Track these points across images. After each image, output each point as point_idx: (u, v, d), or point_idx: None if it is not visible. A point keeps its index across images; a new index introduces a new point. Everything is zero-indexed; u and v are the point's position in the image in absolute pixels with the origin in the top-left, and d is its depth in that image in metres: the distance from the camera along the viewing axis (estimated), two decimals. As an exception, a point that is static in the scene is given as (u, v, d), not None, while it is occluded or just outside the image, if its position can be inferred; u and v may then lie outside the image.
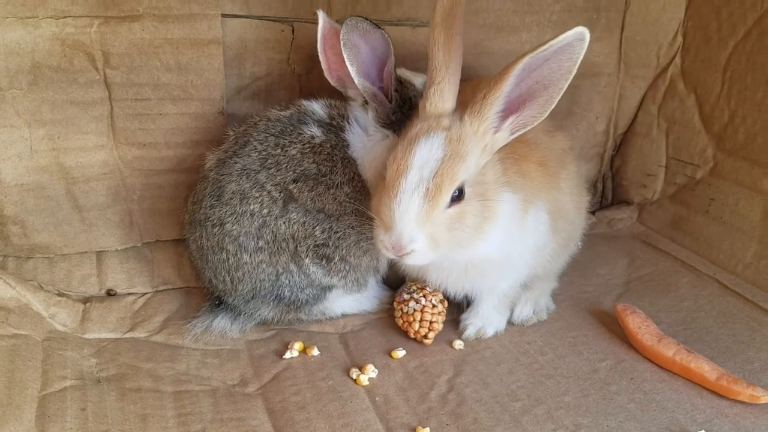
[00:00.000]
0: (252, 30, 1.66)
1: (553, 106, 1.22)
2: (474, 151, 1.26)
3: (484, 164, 1.29)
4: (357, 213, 1.43)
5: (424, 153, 1.25)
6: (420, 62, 1.73)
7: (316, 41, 1.49)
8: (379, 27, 1.40)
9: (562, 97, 1.95)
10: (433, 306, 1.47)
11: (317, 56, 1.51)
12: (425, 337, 1.46)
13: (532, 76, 1.21)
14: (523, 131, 1.26)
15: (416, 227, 1.23)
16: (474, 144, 1.26)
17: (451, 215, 1.26)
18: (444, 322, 1.49)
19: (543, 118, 1.24)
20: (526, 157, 1.39)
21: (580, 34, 1.14)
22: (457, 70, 1.31)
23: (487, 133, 1.26)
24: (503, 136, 1.27)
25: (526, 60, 1.17)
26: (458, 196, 1.25)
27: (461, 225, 1.27)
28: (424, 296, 1.48)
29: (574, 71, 1.18)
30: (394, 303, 1.54)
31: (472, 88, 1.45)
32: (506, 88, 1.21)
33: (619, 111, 2.08)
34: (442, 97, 1.32)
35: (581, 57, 1.17)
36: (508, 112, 1.25)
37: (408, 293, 1.50)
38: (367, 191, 1.47)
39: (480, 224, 1.29)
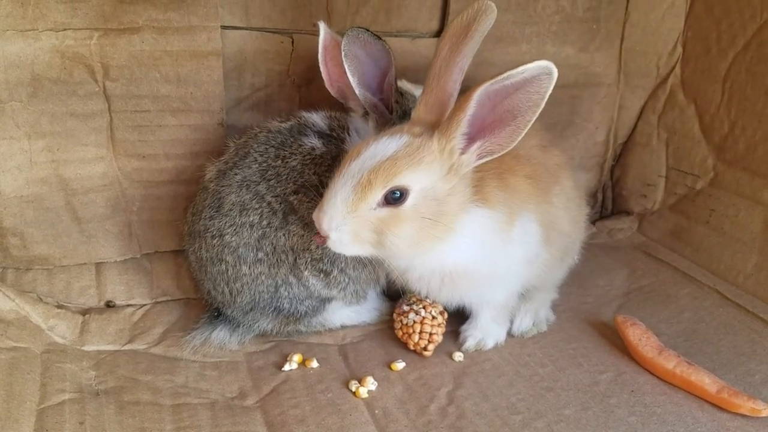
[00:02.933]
0: (251, 41, 1.66)
1: (520, 137, 1.19)
2: (433, 167, 1.22)
3: (452, 186, 1.25)
4: None
5: (379, 147, 1.23)
6: (419, 74, 1.74)
7: (315, 53, 1.50)
8: (380, 38, 1.40)
9: (562, 107, 1.99)
10: (433, 318, 1.46)
11: (317, 67, 1.51)
12: (425, 349, 1.46)
13: (504, 104, 1.19)
14: (491, 158, 1.23)
15: (341, 215, 1.21)
16: (437, 160, 1.23)
17: (382, 218, 1.21)
18: (444, 334, 1.48)
19: (510, 148, 1.21)
20: (514, 171, 1.37)
21: (546, 68, 1.12)
22: (449, 87, 1.29)
23: (453, 153, 1.23)
24: (470, 159, 1.24)
25: (485, 86, 1.15)
26: (398, 199, 1.21)
27: (393, 232, 1.22)
28: (424, 308, 1.47)
29: (542, 105, 1.16)
30: (394, 315, 1.53)
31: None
32: (469, 111, 1.19)
33: (619, 121, 2.08)
34: (426, 107, 1.30)
35: (549, 91, 1.15)
36: (475, 136, 1.23)
37: (408, 305, 1.50)
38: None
39: (421, 241, 1.25)
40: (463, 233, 1.28)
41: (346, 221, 1.22)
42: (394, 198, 1.21)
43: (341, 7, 1.69)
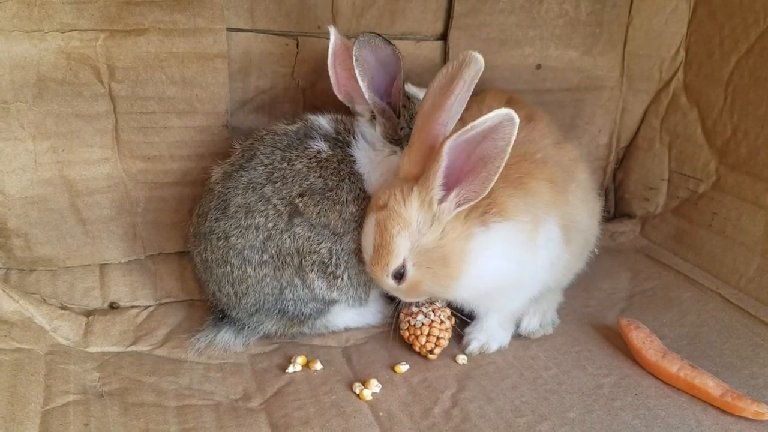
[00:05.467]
0: (257, 44, 1.67)
1: (492, 183, 1.24)
2: (413, 226, 1.30)
3: (441, 231, 1.31)
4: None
5: (364, 238, 1.38)
6: (423, 76, 1.75)
7: (320, 55, 1.51)
8: (391, 43, 1.41)
9: (565, 110, 2.00)
10: (441, 322, 1.46)
11: (321, 70, 1.52)
12: (431, 352, 1.45)
13: (476, 152, 1.23)
14: (468, 206, 1.28)
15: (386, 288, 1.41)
16: (415, 217, 1.30)
17: (408, 287, 1.36)
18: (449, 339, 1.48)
19: (485, 194, 1.25)
20: (534, 174, 1.39)
21: (507, 115, 1.17)
22: (430, 141, 1.32)
23: (433, 203, 1.28)
24: (450, 207, 1.29)
25: (453, 138, 1.20)
26: (402, 274, 1.33)
27: (422, 289, 1.36)
28: (433, 311, 1.47)
29: (509, 151, 1.20)
30: (401, 315, 1.52)
31: (479, 103, 1.45)
32: (442, 163, 1.24)
33: (621, 124, 2.09)
34: (409, 161, 1.35)
35: (513, 137, 1.19)
36: (452, 185, 1.27)
37: (417, 306, 1.50)
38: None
39: (442, 284, 1.35)
40: (479, 259, 1.32)
41: (396, 293, 1.42)
42: (401, 274, 1.34)
43: (346, 10, 1.70)
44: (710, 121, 1.86)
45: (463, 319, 1.52)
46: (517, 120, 1.17)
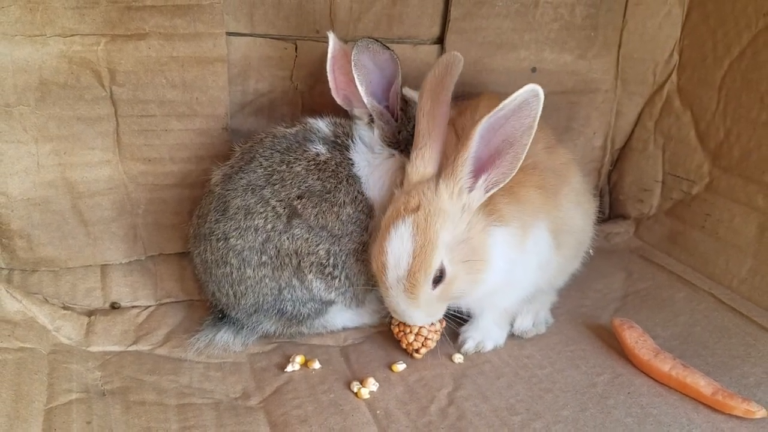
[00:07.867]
0: (256, 48, 1.68)
1: (520, 163, 1.26)
2: (447, 223, 1.29)
3: (468, 222, 1.32)
4: (359, 232, 1.47)
5: (396, 248, 1.30)
6: (420, 80, 1.75)
7: (318, 59, 1.52)
8: (389, 48, 1.43)
9: (560, 113, 2.02)
10: (431, 324, 1.47)
11: (320, 74, 1.54)
12: (416, 351, 1.47)
13: (498, 135, 1.25)
14: (497, 189, 1.30)
15: (408, 310, 1.35)
16: (450, 209, 1.30)
17: (441, 292, 1.32)
18: (437, 342, 1.49)
19: (513, 174, 1.27)
20: (523, 183, 1.41)
21: (534, 91, 1.19)
22: (440, 137, 1.36)
23: (462, 193, 1.30)
24: (478, 195, 1.31)
25: (484, 122, 1.22)
26: (440, 277, 1.30)
27: (452, 292, 1.34)
28: None
29: (535, 127, 1.22)
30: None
31: (472, 109, 1.48)
32: (472, 149, 1.26)
33: (616, 127, 2.10)
34: (423, 162, 1.37)
35: (539, 113, 1.21)
36: (479, 171, 1.29)
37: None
38: (370, 210, 1.50)
39: (473, 278, 1.34)
40: (495, 255, 1.35)
41: (419, 313, 1.36)
42: (437, 277, 1.30)
43: (344, 15, 1.72)
44: (703, 123, 1.88)
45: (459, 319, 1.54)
46: (542, 95, 1.19)
